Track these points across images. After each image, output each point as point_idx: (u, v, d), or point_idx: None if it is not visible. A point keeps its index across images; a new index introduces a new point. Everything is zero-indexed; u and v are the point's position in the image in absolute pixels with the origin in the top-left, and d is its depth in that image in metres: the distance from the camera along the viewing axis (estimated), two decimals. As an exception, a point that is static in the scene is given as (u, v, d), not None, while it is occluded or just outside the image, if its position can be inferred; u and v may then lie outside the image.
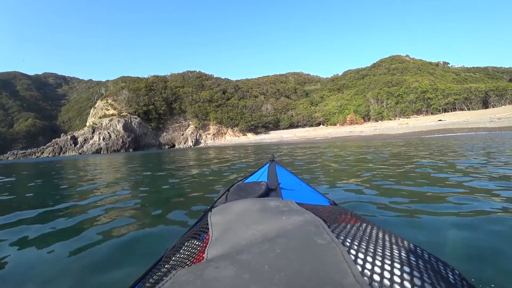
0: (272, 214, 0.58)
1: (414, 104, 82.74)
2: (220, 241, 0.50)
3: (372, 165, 5.90)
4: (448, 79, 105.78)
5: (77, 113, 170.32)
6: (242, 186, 1.19)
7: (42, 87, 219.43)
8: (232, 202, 0.74)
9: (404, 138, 29.04)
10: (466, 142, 14.05)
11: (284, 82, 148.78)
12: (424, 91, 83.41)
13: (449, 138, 22.08)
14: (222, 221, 0.61)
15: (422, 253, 0.43)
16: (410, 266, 0.37)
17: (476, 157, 6.38)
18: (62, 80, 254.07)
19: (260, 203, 0.66)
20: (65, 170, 10.61)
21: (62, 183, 6.30)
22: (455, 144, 12.68)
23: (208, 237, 0.57)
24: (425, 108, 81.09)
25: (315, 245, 0.39)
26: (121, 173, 7.93)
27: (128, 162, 13.33)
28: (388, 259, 0.38)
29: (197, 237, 0.66)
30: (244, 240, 0.47)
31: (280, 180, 1.42)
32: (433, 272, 0.37)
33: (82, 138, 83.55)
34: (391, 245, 0.44)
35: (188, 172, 6.65)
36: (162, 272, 0.56)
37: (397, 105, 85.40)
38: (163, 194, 3.92)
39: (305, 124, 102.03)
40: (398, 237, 0.48)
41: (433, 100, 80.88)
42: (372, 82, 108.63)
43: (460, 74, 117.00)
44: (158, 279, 0.53)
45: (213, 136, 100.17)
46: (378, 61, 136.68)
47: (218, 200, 1.13)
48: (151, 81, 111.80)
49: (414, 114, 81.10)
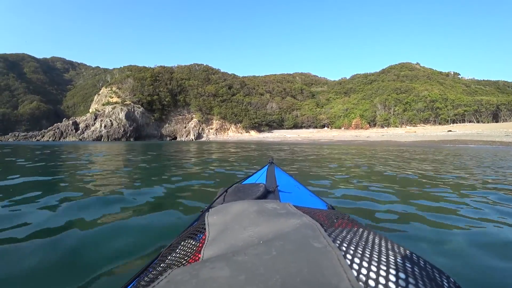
0: (269, 216, 0.58)
1: (422, 112, 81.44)
2: (216, 242, 0.50)
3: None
4: (458, 90, 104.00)
5: (82, 99, 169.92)
6: (240, 188, 1.19)
7: (49, 71, 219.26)
8: (229, 203, 0.74)
9: (415, 146, 27.82)
10: (498, 155, 13.02)
11: (291, 82, 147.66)
12: (434, 100, 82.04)
13: (467, 149, 20.85)
14: (219, 221, 0.61)
15: (418, 260, 0.43)
16: (405, 273, 0.37)
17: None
18: (70, 65, 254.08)
19: (258, 205, 0.66)
20: (65, 155, 9.84)
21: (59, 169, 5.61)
22: (484, 157, 11.46)
23: (204, 237, 0.56)
24: (433, 117, 79.81)
25: (311, 249, 0.39)
26: (120, 163, 7.29)
27: (128, 152, 12.33)
28: (383, 264, 0.38)
29: (194, 237, 0.66)
30: (241, 242, 0.47)
31: (279, 183, 1.42)
32: (428, 279, 0.37)
33: (83, 124, 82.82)
34: (387, 251, 0.44)
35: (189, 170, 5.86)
36: (157, 270, 0.56)
37: (405, 112, 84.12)
38: (163, 189, 3.45)
39: (309, 125, 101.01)
40: (394, 243, 0.48)
41: (442, 110, 79.52)
42: (380, 88, 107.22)
43: (471, 86, 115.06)
44: (154, 277, 0.53)
45: (216, 131, 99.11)
46: (388, 67, 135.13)
47: (216, 200, 1.13)
48: (157, 71, 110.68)
49: (421, 123, 79.89)
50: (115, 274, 1.33)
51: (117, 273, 1.34)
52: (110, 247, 1.59)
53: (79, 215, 2.21)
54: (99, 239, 1.71)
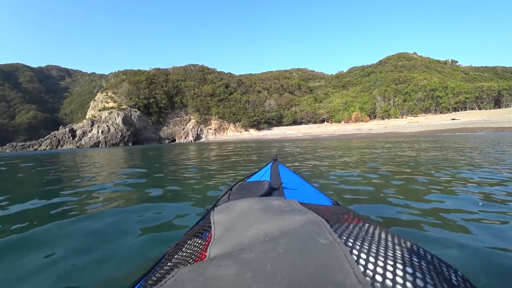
0: (275, 213, 0.57)
1: (422, 102, 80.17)
2: (222, 240, 0.50)
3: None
4: (457, 78, 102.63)
5: (79, 106, 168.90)
6: (244, 185, 1.19)
7: (44, 79, 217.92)
8: (234, 201, 0.74)
9: (421, 137, 26.80)
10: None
11: (288, 78, 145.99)
12: (434, 89, 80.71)
13: (480, 137, 19.75)
14: (225, 220, 0.61)
15: (425, 254, 0.43)
16: (412, 267, 0.36)
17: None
18: (65, 73, 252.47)
19: (263, 203, 0.66)
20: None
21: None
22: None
23: (210, 235, 0.57)
24: (434, 106, 78.55)
25: (317, 245, 0.39)
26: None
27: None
28: (390, 259, 0.38)
29: (200, 236, 0.66)
30: (247, 239, 0.47)
31: (283, 180, 1.41)
32: (435, 273, 0.36)
33: (80, 131, 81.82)
34: (393, 246, 0.43)
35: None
36: (164, 270, 0.56)
37: (405, 103, 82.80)
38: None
39: (309, 120, 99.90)
40: (401, 238, 0.48)
41: (442, 98, 78.23)
42: (379, 79, 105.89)
43: (469, 73, 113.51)
44: (161, 276, 0.53)
45: (215, 131, 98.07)
46: (385, 58, 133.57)
47: (221, 199, 1.14)
48: (153, 74, 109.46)
49: (422, 113, 78.60)
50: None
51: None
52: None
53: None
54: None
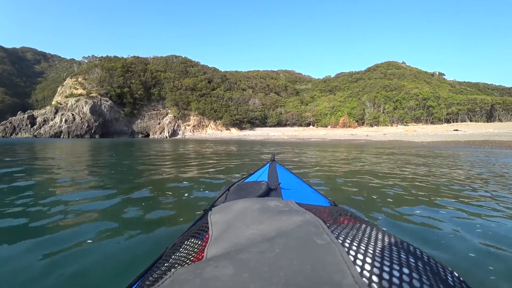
0: (272, 214, 0.57)
1: (414, 111, 77.60)
2: (220, 240, 0.50)
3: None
4: (445, 90, 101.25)
5: (52, 92, 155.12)
6: (242, 186, 1.19)
7: (17, 61, 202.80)
8: (232, 202, 0.73)
9: (443, 148, 21.81)
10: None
11: (275, 78, 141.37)
12: (426, 99, 78.41)
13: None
14: (222, 220, 0.61)
15: (422, 255, 0.43)
16: (409, 268, 0.36)
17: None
18: (42, 57, 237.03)
19: (260, 203, 0.66)
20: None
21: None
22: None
23: (208, 236, 0.57)
24: (425, 116, 76.01)
25: (314, 246, 0.39)
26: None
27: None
28: (387, 260, 0.38)
29: (197, 236, 0.66)
30: (244, 240, 0.47)
31: (281, 180, 1.41)
32: (432, 274, 0.37)
33: (41, 119, 73.26)
34: (390, 247, 0.43)
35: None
36: (161, 270, 0.56)
37: (395, 110, 79.89)
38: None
39: (294, 123, 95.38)
40: (398, 239, 0.48)
41: (435, 108, 75.90)
42: (368, 85, 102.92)
43: (456, 86, 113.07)
44: (158, 277, 0.52)
45: (193, 128, 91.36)
46: (374, 66, 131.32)
47: (218, 199, 1.13)
48: (130, 61, 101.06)
49: (413, 122, 75.94)
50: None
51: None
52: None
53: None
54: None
